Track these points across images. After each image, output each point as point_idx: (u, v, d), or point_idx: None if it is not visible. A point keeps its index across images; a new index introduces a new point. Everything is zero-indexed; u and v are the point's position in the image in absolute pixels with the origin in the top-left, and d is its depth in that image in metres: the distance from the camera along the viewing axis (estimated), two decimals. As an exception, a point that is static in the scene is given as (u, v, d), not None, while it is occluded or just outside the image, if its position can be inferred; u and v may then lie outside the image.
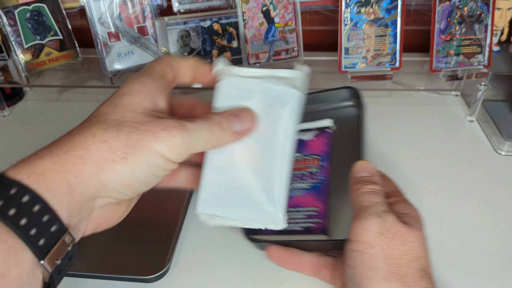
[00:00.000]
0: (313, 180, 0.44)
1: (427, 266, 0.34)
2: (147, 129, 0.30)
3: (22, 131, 0.67)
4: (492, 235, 0.48)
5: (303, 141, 0.47)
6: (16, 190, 0.26)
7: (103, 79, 0.72)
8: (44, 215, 0.26)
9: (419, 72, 0.76)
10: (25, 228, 0.25)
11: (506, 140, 0.60)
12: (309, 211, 0.43)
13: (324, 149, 0.46)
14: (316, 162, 0.45)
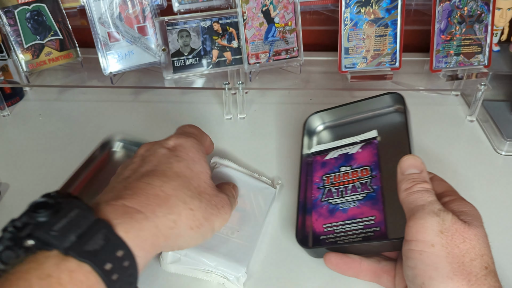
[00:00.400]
0: (366, 191, 0.46)
1: (491, 264, 0.33)
2: (215, 205, 0.37)
3: (22, 131, 0.67)
4: (492, 235, 0.48)
5: (351, 155, 0.50)
6: (123, 253, 0.28)
7: (103, 79, 0.72)
8: (130, 270, 0.28)
9: (419, 72, 0.76)
10: (115, 284, 0.27)
11: (506, 140, 0.60)
12: (367, 221, 0.44)
13: (373, 159, 0.48)
14: (366, 173, 0.47)
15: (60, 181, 0.54)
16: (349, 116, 0.57)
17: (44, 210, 0.26)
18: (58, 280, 0.24)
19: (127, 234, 0.28)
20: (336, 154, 0.52)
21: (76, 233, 0.26)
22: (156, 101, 0.73)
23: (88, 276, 0.26)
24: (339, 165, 0.50)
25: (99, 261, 0.26)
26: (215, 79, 0.73)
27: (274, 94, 0.75)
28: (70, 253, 0.26)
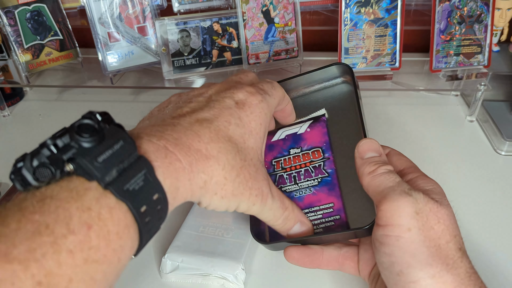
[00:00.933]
0: (320, 175, 0.42)
1: (463, 245, 0.32)
2: (250, 188, 0.34)
3: (22, 131, 0.67)
4: (492, 235, 0.48)
5: (299, 135, 0.45)
6: (158, 197, 0.27)
7: (103, 79, 0.72)
8: (160, 220, 0.28)
9: (419, 72, 0.76)
10: (146, 232, 0.27)
11: (506, 140, 0.60)
12: (324, 209, 0.41)
13: (323, 138, 0.43)
14: (318, 155, 0.43)
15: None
16: (294, 91, 0.49)
17: (88, 136, 0.25)
18: (98, 214, 0.23)
19: (164, 180, 0.27)
20: (283, 135, 0.46)
21: (119, 168, 0.25)
22: (156, 101, 0.72)
23: (126, 215, 0.25)
24: (288, 147, 0.44)
25: (137, 202, 0.25)
26: (215, 79, 0.73)
27: (274, 94, 0.75)
28: (110, 188, 0.24)
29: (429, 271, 0.30)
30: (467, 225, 0.49)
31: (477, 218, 0.50)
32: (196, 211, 0.49)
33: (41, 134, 0.66)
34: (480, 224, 0.50)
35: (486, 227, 0.49)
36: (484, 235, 0.48)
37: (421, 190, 0.33)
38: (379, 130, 0.65)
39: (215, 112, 0.33)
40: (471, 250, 0.46)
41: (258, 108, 0.36)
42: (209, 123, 0.32)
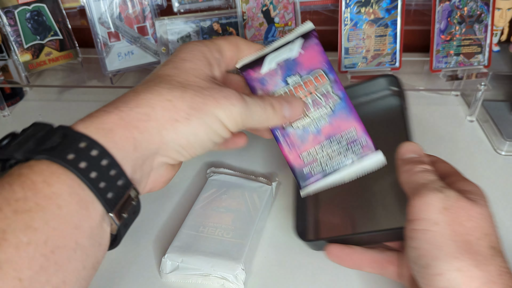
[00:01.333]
0: (331, 101, 0.38)
1: (498, 244, 0.32)
2: (210, 95, 0.31)
3: (22, 131, 0.67)
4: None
5: (293, 60, 0.38)
6: (86, 144, 0.26)
7: (103, 79, 0.72)
8: (111, 170, 0.27)
9: (419, 72, 0.76)
10: (95, 181, 0.26)
11: (506, 140, 0.60)
12: (347, 136, 0.37)
13: (322, 58, 0.38)
14: (322, 79, 0.38)
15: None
16: None
17: (6, 138, 0.27)
18: (18, 174, 0.24)
19: (86, 129, 0.27)
20: (273, 63, 0.39)
21: (34, 141, 0.26)
22: (156, 101, 0.73)
23: (49, 166, 0.25)
24: (283, 77, 0.38)
25: (58, 153, 0.25)
26: (215, 79, 0.73)
27: (274, 94, 0.75)
28: (28, 155, 0.25)
29: (455, 264, 0.30)
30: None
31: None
32: (196, 211, 0.49)
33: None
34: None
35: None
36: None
37: (457, 190, 0.34)
38: (379, 130, 0.65)
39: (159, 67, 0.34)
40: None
41: (190, 44, 0.35)
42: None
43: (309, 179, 0.38)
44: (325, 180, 0.38)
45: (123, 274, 0.45)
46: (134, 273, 0.45)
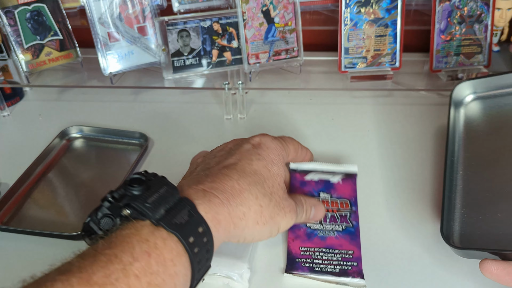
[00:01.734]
0: (345, 224, 0.47)
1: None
2: (283, 207, 0.40)
3: (22, 131, 0.67)
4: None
5: (331, 184, 0.50)
6: (203, 230, 0.32)
7: (103, 79, 0.72)
8: (207, 254, 0.33)
9: (419, 72, 0.76)
10: (197, 264, 0.31)
11: (506, 140, 0.60)
12: (345, 254, 0.44)
13: (353, 194, 0.49)
14: (346, 206, 0.48)
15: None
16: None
17: (138, 185, 0.31)
18: (155, 244, 0.29)
19: (206, 214, 0.33)
20: (316, 177, 0.51)
21: (165, 207, 0.31)
22: (155, 101, 0.73)
23: (177, 245, 0.30)
24: (318, 190, 0.50)
25: (184, 233, 0.30)
26: (215, 79, 0.73)
27: (273, 94, 0.75)
28: (161, 223, 0.30)
29: None
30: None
31: (477, 218, 0.50)
32: None
33: (41, 134, 0.66)
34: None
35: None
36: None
37: None
38: (379, 131, 0.65)
39: (237, 156, 0.40)
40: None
41: (273, 144, 0.43)
42: (234, 166, 0.39)
43: (297, 269, 0.44)
44: (309, 275, 0.43)
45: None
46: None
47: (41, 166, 0.58)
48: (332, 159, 0.59)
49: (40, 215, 0.52)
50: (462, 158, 0.51)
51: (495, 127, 0.51)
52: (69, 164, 0.60)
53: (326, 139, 0.64)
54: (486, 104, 0.53)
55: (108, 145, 0.63)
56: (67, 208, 0.52)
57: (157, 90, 0.76)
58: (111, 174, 0.58)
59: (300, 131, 0.65)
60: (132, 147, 0.63)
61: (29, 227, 0.50)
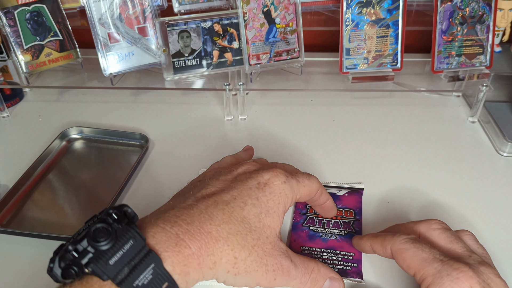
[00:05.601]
0: (348, 229, 0.48)
1: None
2: (265, 264, 0.35)
3: (22, 132, 0.67)
4: (494, 237, 0.48)
5: (337, 195, 0.52)
6: (167, 286, 0.30)
7: (103, 80, 0.72)
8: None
9: (420, 73, 0.76)
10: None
11: (508, 141, 0.60)
12: (345, 255, 0.45)
13: (358, 205, 0.51)
14: (350, 215, 0.49)
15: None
16: None
17: (104, 239, 0.29)
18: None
19: (174, 268, 0.31)
20: None
21: (129, 265, 0.29)
22: (156, 102, 0.73)
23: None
24: None
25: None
26: (215, 80, 0.73)
27: (274, 95, 0.75)
28: (122, 286, 0.29)
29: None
30: (469, 227, 0.49)
31: (479, 220, 0.50)
32: None
33: (41, 135, 0.66)
34: (482, 225, 0.49)
35: (489, 228, 0.49)
36: (487, 236, 0.48)
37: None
38: (380, 132, 0.65)
39: (235, 193, 0.37)
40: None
41: (278, 188, 0.38)
42: (224, 205, 0.36)
43: None
44: None
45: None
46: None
47: (41, 167, 0.58)
48: (333, 160, 0.59)
49: (40, 216, 0.51)
50: None
51: None
52: (69, 165, 0.59)
53: (327, 140, 0.63)
54: None
55: (109, 146, 0.63)
56: (67, 210, 0.52)
57: (157, 91, 0.75)
58: (111, 175, 0.57)
59: (301, 133, 0.65)
60: (132, 148, 0.62)
61: (29, 229, 0.49)
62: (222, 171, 0.41)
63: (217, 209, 0.35)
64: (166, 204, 0.38)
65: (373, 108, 0.71)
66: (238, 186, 0.38)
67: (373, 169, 0.58)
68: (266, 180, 0.38)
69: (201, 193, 0.37)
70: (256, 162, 0.42)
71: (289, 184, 0.39)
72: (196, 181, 0.42)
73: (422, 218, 0.50)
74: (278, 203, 0.38)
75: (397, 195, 0.53)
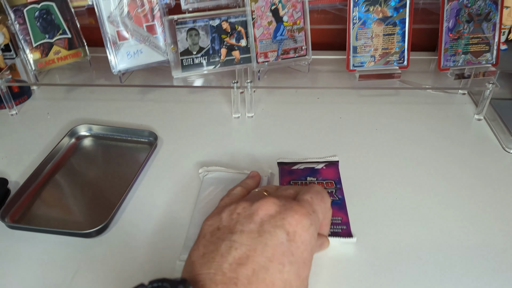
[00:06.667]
0: (332, 198, 0.51)
1: None
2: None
3: (30, 130, 0.67)
4: (501, 232, 0.48)
5: (316, 169, 0.56)
6: None
7: (111, 77, 0.72)
8: None
9: (427, 71, 0.76)
10: None
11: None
12: (334, 220, 0.49)
13: (336, 176, 0.55)
14: (332, 185, 0.53)
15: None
16: None
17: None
18: None
19: None
20: (302, 166, 0.56)
21: None
22: (164, 100, 0.73)
23: None
24: (305, 175, 0.55)
25: None
26: (223, 78, 0.73)
27: (281, 93, 0.75)
28: None
29: None
30: (475, 222, 0.50)
31: (486, 216, 0.50)
32: (199, 211, 0.50)
33: (49, 133, 0.66)
34: (489, 222, 0.50)
35: (497, 223, 0.49)
36: (493, 232, 0.48)
37: None
38: (387, 129, 0.65)
39: (269, 254, 0.35)
40: (479, 248, 0.46)
41: (308, 234, 0.37)
42: (265, 273, 0.34)
43: None
44: None
45: (137, 278, 0.45)
46: (149, 277, 0.45)
47: (51, 165, 0.59)
48: (339, 158, 0.59)
49: (50, 214, 0.52)
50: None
51: None
52: (78, 162, 0.60)
53: (333, 138, 0.64)
54: None
55: (117, 144, 0.63)
56: (76, 207, 0.53)
57: (165, 88, 0.76)
58: (120, 172, 0.58)
59: (308, 130, 0.65)
60: (141, 145, 0.63)
61: (39, 226, 0.50)
62: (241, 214, 0.38)
63: (259, 281, 0.33)
64: (196, 267, 0.36)
65: (380, 106, 0.71)
66: (269, 243, 0.35)
67: (381, 166, 0.58)
68: (294, 229, 0.36)
69: (232, 257, 0.35)
70: (270, 195, 0.41)
71: (313, 224, 0.38)
72: (214, 228, 0.39)
73: (424, 211, 0.50)
74: (310, 249, 0.37)
75: (404, 191, 0.54)
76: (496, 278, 0.44)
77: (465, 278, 0.43)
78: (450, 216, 0.50)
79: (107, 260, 0.46)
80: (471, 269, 0.44)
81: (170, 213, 0.52)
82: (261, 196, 0.40)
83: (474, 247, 0.47)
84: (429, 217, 0.50)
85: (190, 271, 0.35)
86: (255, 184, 0.51)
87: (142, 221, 0.51)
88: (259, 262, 0.34)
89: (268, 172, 0.56)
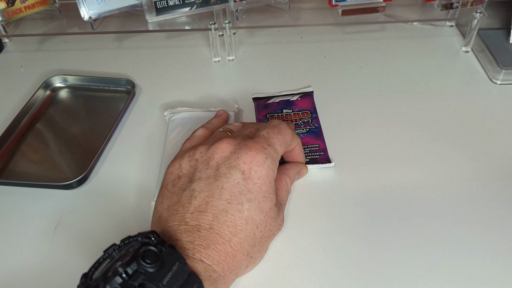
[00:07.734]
0: (308, 127, 0.52)
1: None
2: (273, 234, 0.39)
3: (4, 83, 0.65)
4: (487, 163, 0.48)
5: (291, 101, 0.56)
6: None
7: (84, 25, 0.69)
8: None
9: (412, 4, 0.73)
10: None
11: (502, 69, 0.59)
12: (312, 147, 0.50)
13: (311, 106, 0.55)
14: (307, 115, 0.54)
15: (47, 132, 0.52)
16: None
17: (152, 262, 0.29)
18: None
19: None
20: (277, 100, 0.56)
21: (177, 286, 0.29)
22: (141, 47, 0.70)
23: None
24: (281, 108, 0.55)
25: None
26: (200, 20, 0.70)
27: (263, 33, 0.72)
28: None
29: None
30: (463, 155, 0.49)
31: (475, 147, 0.50)
32: (168, 153, 0.49)
33: (24, 86, 0.64)
34: (477, 153, 0.49)
35: (484, 155, 0.49)
36: (482, 162, 0.48)
37: None
38: (372, 66, 0.64)
39: (227, 197, 0.35)
40: (468, 184, 0.46)
41: (264, 168, 0.37)
42: (225, 216, 0.35)
43: None
44: None
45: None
46: (132, 225, 0.45)
47: (27, 118, 0.57)
48: (325, 97, 0.58)
49: (29, 167, 0.51)
50: None
51: None
52: (55, 114, 0.58)
53: (317, 77, 0.62)
54: None
55: (95, 94, 0.61)
56: (56, 159, 0.51)
57: (141, 35, 0.73)
58: (99, 122, 0.56)
59: (291, 71, 0.64)
60: (119, 94, 0.61)
61: (19, 180, 0.49)
62: (199, 160, 0.38)
63: (221, 223, 0.35)
64: (162, 221, 0.37)
65: (365, 42, 0.69)
66: (225, 185, 0.36)
67: (366, 102, 0.57)
68: (249, 166, 0.37)
69: (193, 206, 0.35)
70: (228, 135, 0.41)
71: (270, 157, 0.38)
72: (175, 177, 0.39)
73: (409, 147, 0.50)
74: (269, 182, 0.37)
75: (390, 126, 0.53)
76: (486, 211, 0.44)
77: (449, 209, 0.43)
78: (440, 149, 0.50)
79: (89, 210, 0.46)
80: (458, 201, 0.44)
81: (147, 159, 0.51)
82: (221, 137, 0.40)
83: (462, 179, 0.47)
84: (412, 147, 0.50)
85: (159, 226, 0.36)
86: (220, 123, 0.50)
87: (122, 169, 0.50)
88: (218, 206, 0.35)
89: (234, 107, 0.55)
